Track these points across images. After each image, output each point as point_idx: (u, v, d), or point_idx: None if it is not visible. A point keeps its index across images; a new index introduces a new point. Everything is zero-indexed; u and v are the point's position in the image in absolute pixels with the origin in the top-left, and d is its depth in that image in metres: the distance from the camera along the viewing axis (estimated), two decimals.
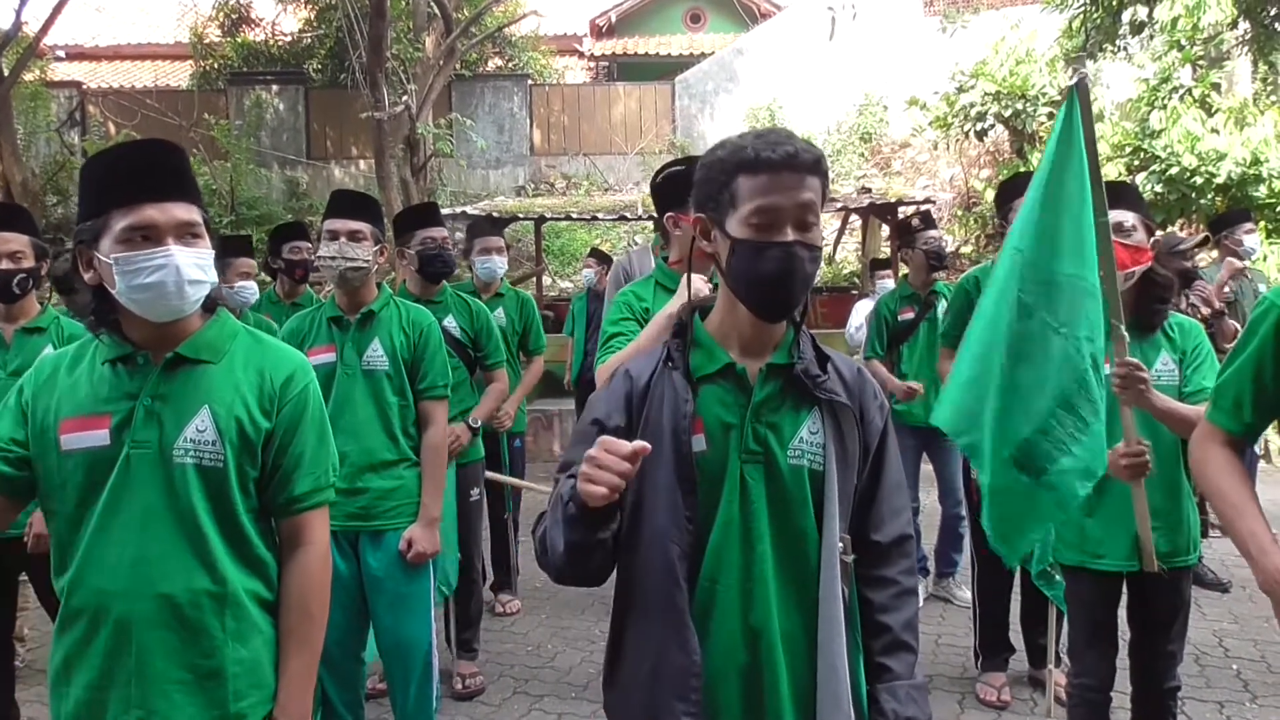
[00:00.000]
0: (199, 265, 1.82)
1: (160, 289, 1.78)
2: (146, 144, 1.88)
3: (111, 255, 1.77)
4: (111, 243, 1.78)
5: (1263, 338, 1.85)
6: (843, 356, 1.77)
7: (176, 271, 1.77)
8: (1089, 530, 2.90)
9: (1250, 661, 4.31)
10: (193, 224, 1.83)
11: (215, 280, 1.87)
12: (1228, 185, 9.78)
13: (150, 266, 1.77)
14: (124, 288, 1.78)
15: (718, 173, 1.63)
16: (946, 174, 15.69)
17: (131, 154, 1.83)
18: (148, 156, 1.83)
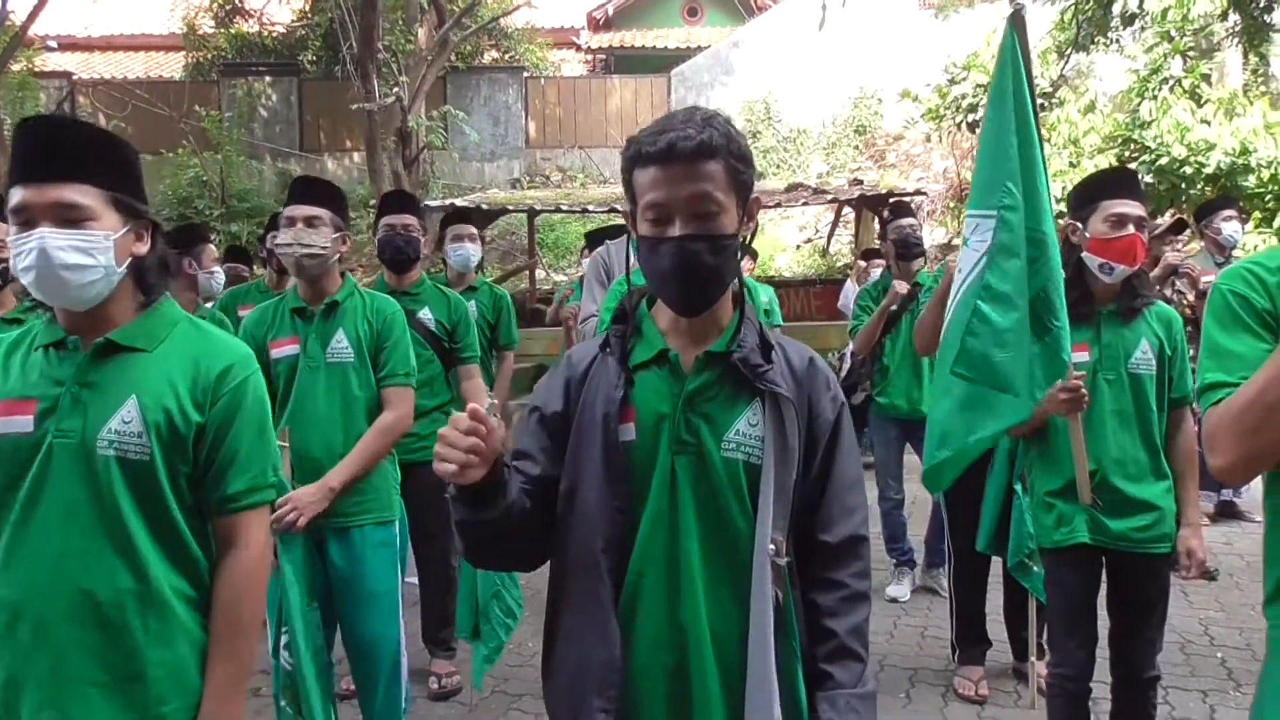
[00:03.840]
0: (78, 249, 1.71)
1: (34, 274, 1.71)
2: (44, 121, 1.80)
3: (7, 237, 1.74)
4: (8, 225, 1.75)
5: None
6: (795, 345, 1.72)
7: (45, 255, 1.69)
8: (1060, 509, 2.90)
9: (1235, 650, 4.29)
10: (75, 206, 1.71)
11: (109, 264, 1.75)
12: (1217, 175, 9.78)
13: (24, 250, 1.71)
14: (16, 272, 1.73)
15: (624, 169, 1.60)
16: (939, 166, 15.66)
17: (28, 133, 1.75)
18: (38, 136, 1.75)
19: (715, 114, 1.60)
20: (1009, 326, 2.77)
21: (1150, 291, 3.00)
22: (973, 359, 2.79)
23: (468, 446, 1.40)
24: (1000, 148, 2.89)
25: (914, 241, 5.06)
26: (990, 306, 2.78)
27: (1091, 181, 3.09)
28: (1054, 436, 2.94)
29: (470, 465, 1.40)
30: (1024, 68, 2.91)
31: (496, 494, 1.50)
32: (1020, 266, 2.81)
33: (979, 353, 2.78)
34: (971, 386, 2.83)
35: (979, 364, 2.78)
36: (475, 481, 1.44)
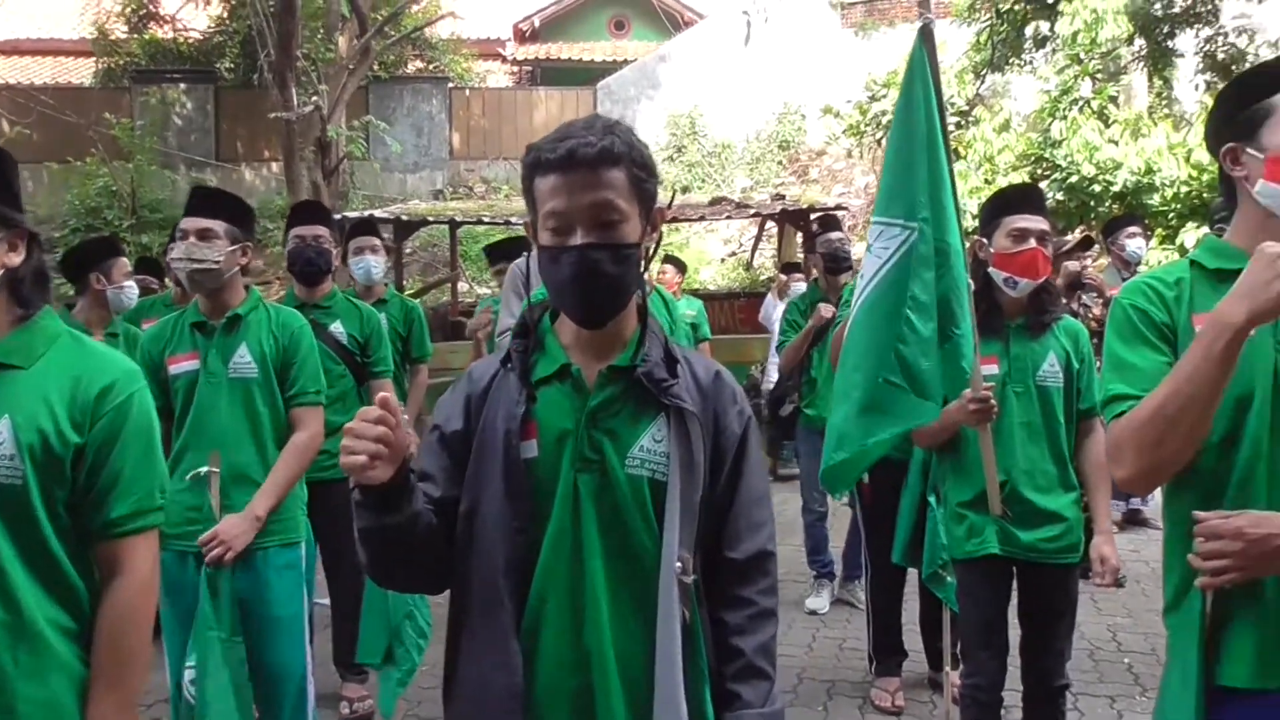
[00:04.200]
0: None
1: None
2: None
3: None
4: None
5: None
6: (701, 359, 1.69)
7: None
8: (971, 520, 2.93)
9: (1141, 655, 4.40)
10: None
11: None
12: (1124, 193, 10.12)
13: None
14: None
15: (524, 176, 1.56)
16: (861, 182, 15.93)
17: None
18: None
19: (617, 122, 1.57)
20: (929, 336, 2.83)
21: (1057, 306, 3.06)
22: (905, 367, 2.83)
23: (376, 436, 1.34)
24: (910, 159, 2.93)
25: (842, 255, 5.11)
26: (917, 317, 2.83)
27: (996, 198, 3.15)
28: (965, 448, 2.97)
29: (379, 457, 1.35)
30: (933, 80, 2.96)
31: (403, 498, 1.43)
32: (932, 278, 2.86)
33: (911, 361, 2.82)
34: (871, 390, 2.86)
35: (911, 372, 2.82)
36: (381, 481, 1.38)
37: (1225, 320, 1.53)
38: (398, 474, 1.40)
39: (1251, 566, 1.56)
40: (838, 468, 3.02)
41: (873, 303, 2.92)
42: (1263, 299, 1.50)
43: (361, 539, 1.47)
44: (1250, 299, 1.51)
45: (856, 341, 2.96)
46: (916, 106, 2.94)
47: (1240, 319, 1.51)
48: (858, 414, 2.91)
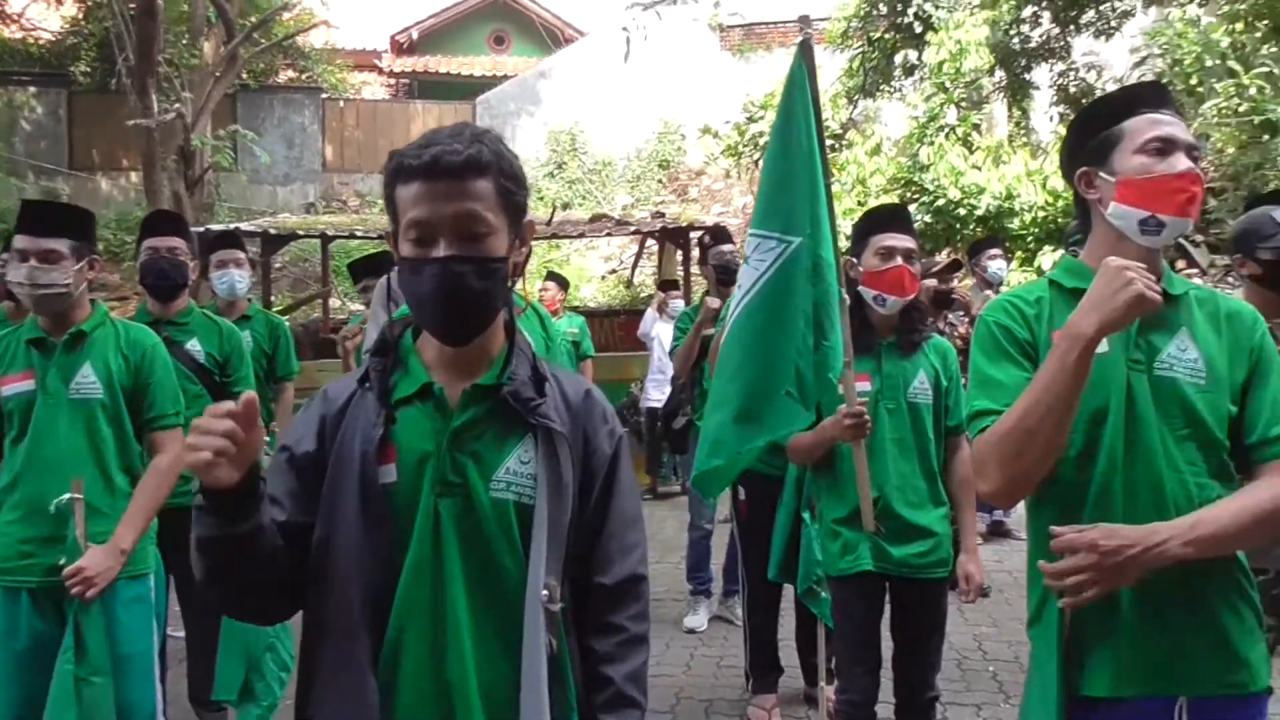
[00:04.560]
0: None
1: None
2: None
3: None
4: None
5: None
6: (571, 377, 1.64)
7: None
8: (845, 536, 2.96)
9: (1005, 663, 4.54)
10: None
11: None
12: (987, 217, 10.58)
13: None
14: None
15: (385, 184, 1.49)
16: (740, 201, 16.21)
17: None
18: None
19: (486, 131, 1.51)
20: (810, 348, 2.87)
21: (927, 324, 3.13)
22: (799, 378, 2.87)
23: (223, 431, 1.25)
24: (789, 172, 2.97)
25: (734, 267, 5.11)
26: (806, 329, 2.87)
27: (865, 218, 3.21)
28: (840, 464, 3.00)
29: (225, 454, 1.25)
30: (812, 95, 2.98)
31: (249, 506, 1.33)
32: (810, 291, 2.90)
33: (802, 372, 2.87)
34: (745, 399, 2.89)
35: (803, 383, 2.87)
36: (227, 484, 1.28)
37: (1077, 332, 1.59)
38: (246, 479, 1.30)
39: (1107, 578, 1.60)
40: (711, 473, 3.05)
41: (750, 313, 2.95)
42: (1110, 309, 1.56)
43: (199, 548, 1.36)
44: (1099, 310, 1.57)
45: (733, 351, 2.98)
46: (796, 121, 2.98)
47: (1091, 330, 1.57)
48: (732, 421, 2.93)
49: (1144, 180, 1.72)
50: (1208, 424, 1.71)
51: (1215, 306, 1.81)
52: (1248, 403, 1.75)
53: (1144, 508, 1.67)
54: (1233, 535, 1.65)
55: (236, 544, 1.34)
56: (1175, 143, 1.73)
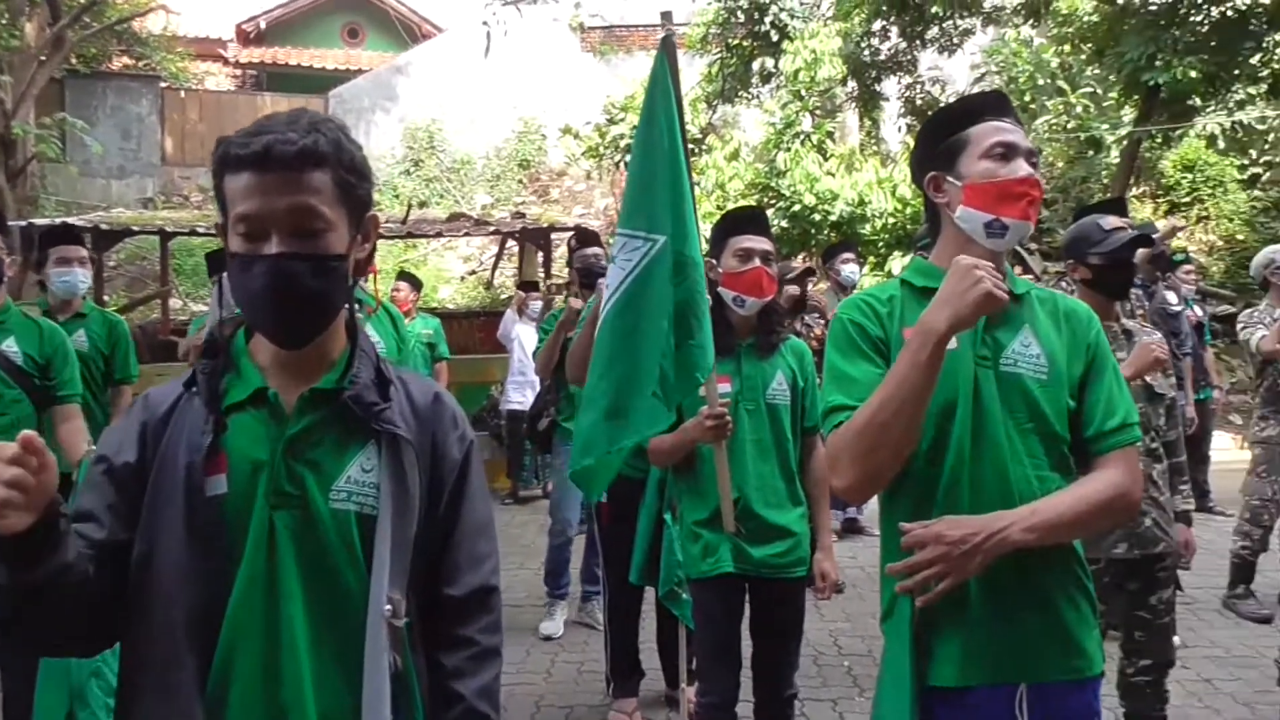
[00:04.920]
0: None
1: None
2: None
3: None
4: None
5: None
6: (419, 380, 1.55)
7: None
8: (706, 538, 2.95)
9: (859, 657, 4.64)
10: None
11: None
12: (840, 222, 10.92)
13: None
14: None
15: (214, 173, 1.37)
16: (601, 203, 16.23)
17: None
18: None
19: (326, 119, 1.40)
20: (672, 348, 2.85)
21: (784, 326, 3.16)
22: (662, 376, 2.84)
23: (8, 480, 1.12)
24: (653, 170, 2.94)
25: (598, 271, 5.06)
26: (669, 329, 2.85)
27: (724, 219, 3.22)
28: (701, 466, 2.99)
29: (11, 504, 1.12)
30: (674, 91, 2.97)
31: (43, 551, 1.19)
32: (671, 289, 2.88)
33: (666, 372, 2.83)
34: (614, 398, 2.87)
35: (666, 383, 2.84)
36: (18, 530, 1.14)
37: (929, 328, 1.62)
38: (40, 522, 1.17)
39: (957, 567, 1.64)
40: (586, 472, 3.03)
41: (618, 312, 2.92)
42: (960, 306, 1.60)
43: None
44: (950, 307, 1.61)
45: (602, 350, 2.96)
46: (658, 118, 2.96)
47: (943, 326, 1.61)
48: (602, 420, 2.91)
49: (988, 184, 1.77)
50: (1049, 418, 1.77)
51: (1055, 306, 1.88)
52: (1084, 397, 1.81)
53: (990, 500, 1.71)
54: (1070, 523, 1.71)
55: (35, 590, 1.21)
56: (1016, 149, 1.79)
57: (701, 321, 2.88)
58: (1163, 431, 3.21)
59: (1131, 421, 1.81)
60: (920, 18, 11.87)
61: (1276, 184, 13.89)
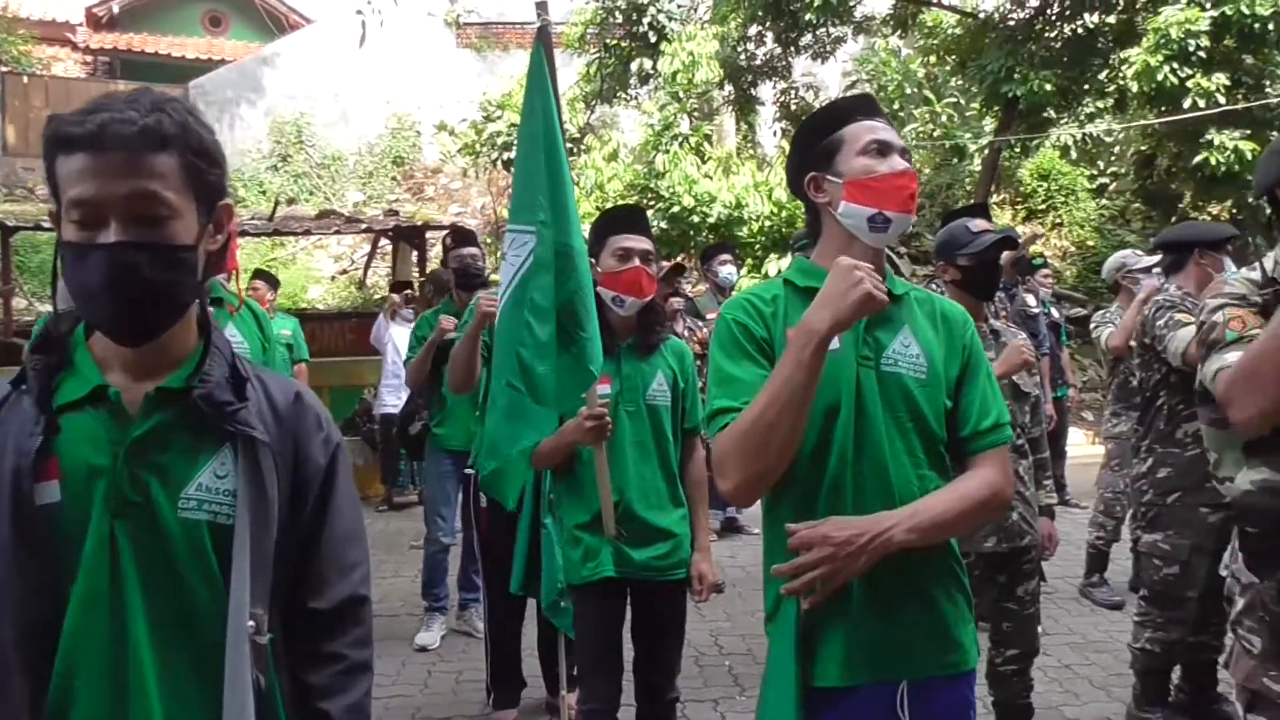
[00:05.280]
0: None
1: None
2: None
3: None
4: None
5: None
6: (279, 379, 1.45)
7: None
8: (586, 543, 2.90)
9: (740, 656, 4.67)
10: None
11: None
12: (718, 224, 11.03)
13: None
14: None
15: (45, 154, 1.26)
16: (478, 202, 15.99)
17: None
18: None
19: (172, 98, 1.29)
20: (546, 340, 2.79)
21: (664, 326, 3.13)
22: (524, 371, 2.78)
23: None
24: (533, 162, 2.88)
25: (475, 271, 4.92)
26: (534, 320, 2.79)
27: (602, 219, 3.17)
28: (581, 469, 2.93)
29: None
30: (550, 81, 2.91)
31: None
32: (551, 281, 2.82)
33: (528, 364, 2.78)
34: (514, 397, 2.83)
35: (529, 376, 2.78)
36: None
37: (811, 328, 1.62)
38: None
39: (843, 568, 1.65)
40: (495, 476, 3.05)
41: (511, 309, 2.87)
42: (842, 306, 1.61)
43: None
44: (831, 308, 1.62)
45: (498, 350, 2.90)
46: (536, 108, 2.91)
47: (825, 327, 1.62)
48: (504, 421, 2.86)
49: (869, 180, 1.79)
50: (928, 417, 1.79)
51: (932, 307, 1.91)
52: (960, 398, 1.85)
53: (872, 499, 1.72)
54: (950, 522, 1.73)
55: None
56: (891, 145, 1.83)
57: (590, 313, 2.83)
58: (1028, 429, 3.32)
59: (1004, 421, 1.86)
60: (794, 24, 12.10)
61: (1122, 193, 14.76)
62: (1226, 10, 9.87)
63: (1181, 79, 9.97)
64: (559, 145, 2.90)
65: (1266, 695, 2.22)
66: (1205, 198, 11.19)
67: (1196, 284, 3.65)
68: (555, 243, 2.83)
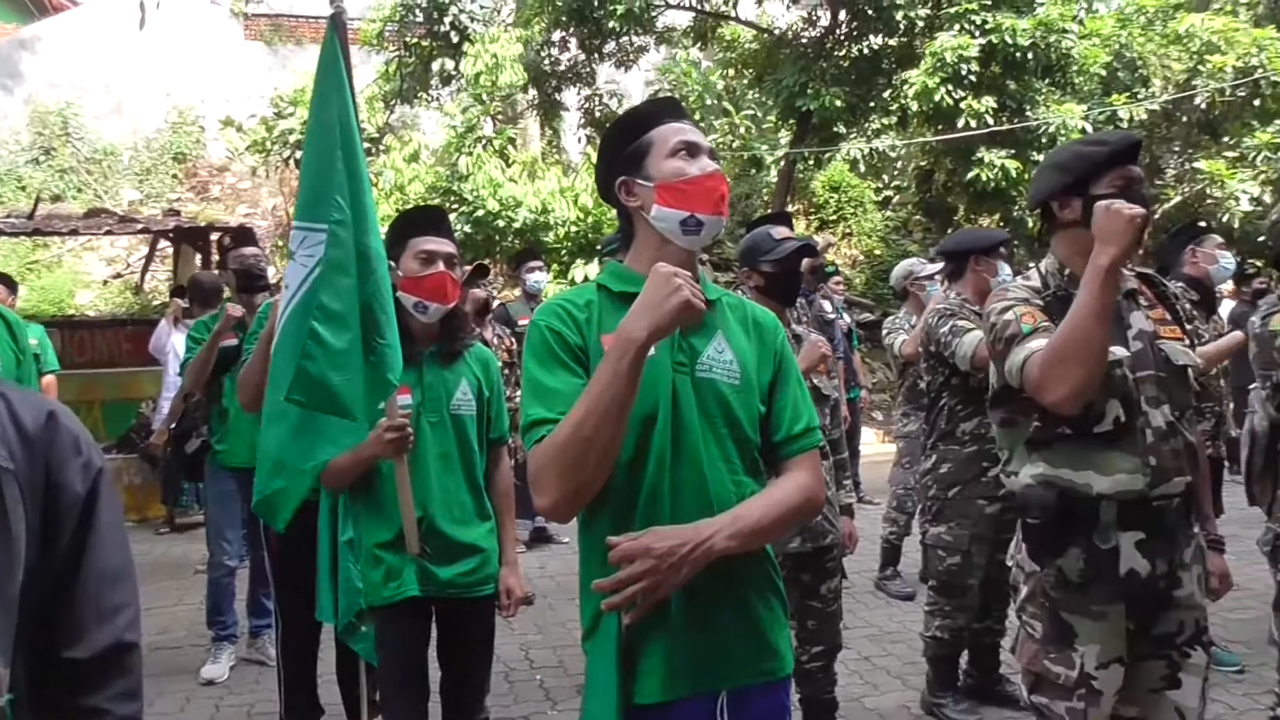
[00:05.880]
0: None
1: None
2: None
3: None
4: None
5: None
6: (28, 396, 1.25)
7: None
8: (389, 562, 2.75)
9: (551, 669, 4.58)
10: None
11: None
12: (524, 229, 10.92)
13: None
14: None
15: None
16: (269, 203, 15.17)
17: None
18: None
19: None
20: (343, 348, 2.59)
21: (468, 332, 3.01)
22: (310, 383, 2.55)
23: None
24: (326, 158, 2.68)
25: (257, 273, 4.58)
26: (325, 327, 2.57)
27: (402, 219, 3.02)
28: (381, 485, 2.78)
29: None
30: (346, 72, 2.73)
31: None
32: (352, 284, 2.64)
33: (316, 376, 2.55)
34: (305, 411, 2.62)
35: (317, 389, 2.56)
36: None
37: (629, 336, 1.58)
38: None
39: (665, 579, 1.61)
40: (275, 496, 2.74)
41: (299, 314, 2.64)
42: (660, 313, 1.58)
43: None
44: (650, 314, 1.58)
45: (282, 358, 2.66)
46: (330, 100, 2.71)
47: (643, 335, 1.58)
48: (293, 436, 2.66)
49: (680, 182, 1.78)
50: (743, 423, 1.79)
51: (744, 312, 1.91)
52: (773, 403, 1.86)
53: (690, 507, 1.70)
54: (768, 527, 1.73)
55: None
56: (699, 147, 1.82)
57: (390, 319, 2.67)
58: (828, 431, 3.42)
59: (814, 426, 1.88)
60: (598, 31, 12.15)
61: (905, 205, 15.74)
62: (993, 39, 10.68)
63: (956, 100, 10.71)
64: (356, 140, 2.73)
65: (1047, 677, 2.37)
66: (977, 210, 12.06)
67: (974, 290, 3.87)
68: (356, 243, 2.66)
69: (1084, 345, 2.13)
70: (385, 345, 2.65)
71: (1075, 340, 2.14)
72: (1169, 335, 2.38)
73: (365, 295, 2.65)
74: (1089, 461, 2.29)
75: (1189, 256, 4.45)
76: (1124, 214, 2.13)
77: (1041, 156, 9.91)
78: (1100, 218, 2.17)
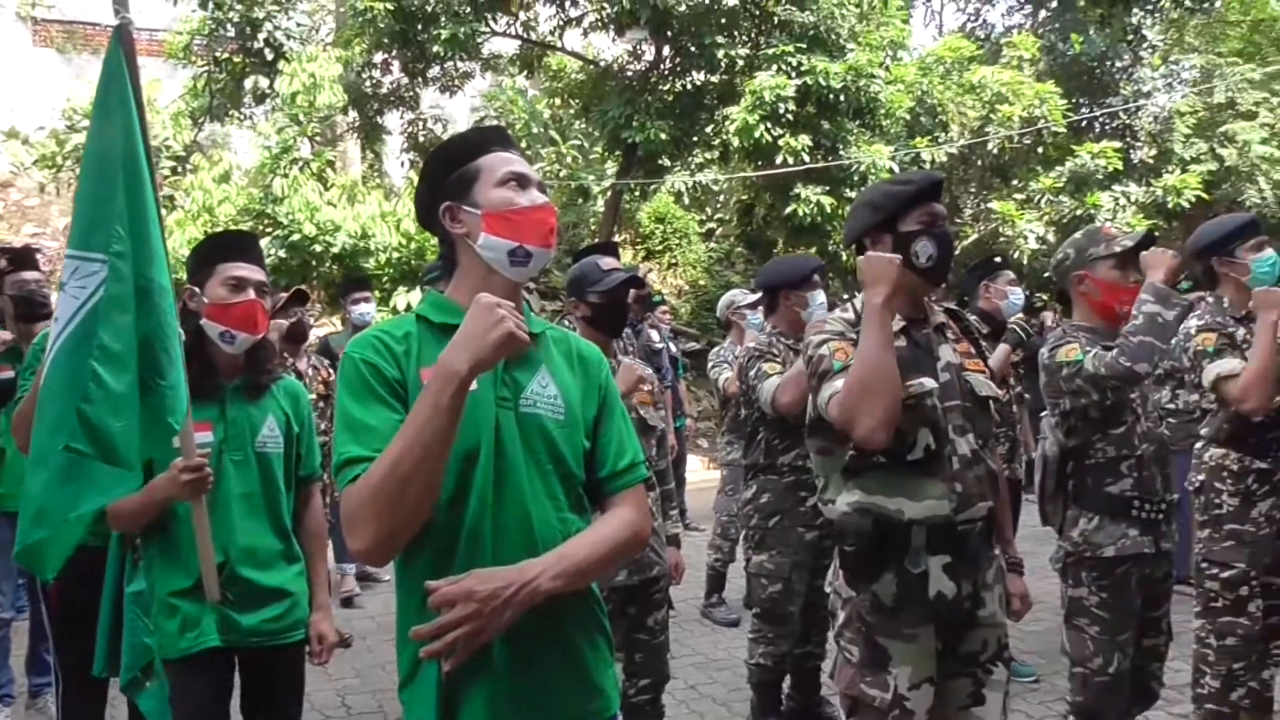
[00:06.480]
0: None
1: None
2: None
3: None
4: None
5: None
6: None
7: None
8: (185, 611, 2.54)
9: (369, 714, 4.37)
10: None
11: None
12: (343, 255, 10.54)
13: None
14: None
15: None
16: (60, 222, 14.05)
17: None
18: None
19: None
20: (123, 391, 2.38)
21: (276, 365, 2.84)
22: (90, 429, 2.32)
23: None
24: (106, 181, 2.47)
25: (39, 300, 4.16)
26: (105, 369, 2.35)
27: (210, 243, 2.83)
28: (177, 528, 2.57)
29: None
30: (133, 89, 2.53)
31: None
32: (131, 322, 2.43)
33: (97, 421, 2.33)
34: (70, 456, 2.37)
35: (97, 435, 2.33)
36: None
37: (450, 370, 1.52)
38: None
39: (488, 623, 1.54)
40: (38, 546, 2.49)
41: (70, 350, 2.42)
42: (483, 345, 1.53)
43: None
44: (471, 348, 1.53)
45: (50, 398, 2.43)
46: (114, 117, 2.50)
47: (464, 368, 1.52)
48: (59, 484, 2.41)
49: (509, 212, 1.74)
50: (567, 459, 1.75)
51: (569, 346, 1.88)
52: (598, 438, 1.83)
53: (513, 546, 1.64)
54: (594, 565, 1.69)
55: None
56: (529, 179, 1.79)
57: (173, 359, 2.47)
58: (654, 461, 3.42)
59: (640, 460, 1.86)
60: (422, 55, 11.95)
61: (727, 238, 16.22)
62: (808, 80, 11.18)
63: (774, 137, 11.13)
64: (142, 164, 2.51)
65: (864, 700, 2.43)
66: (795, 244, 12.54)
67: (788, 323, 3.98)
68: (135, 277, 2.45)
69: (877, 377, 2.25)
70: (165, 386, 2.45)
71: (869, 373, 2.26)
72: (973, 368, 2.52)
73: (142, 331, 2.45)
74: (901, 488, 2.38)
75: (983, 291, 4.75)
76: (884, 258, 2.34)
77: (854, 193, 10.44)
78: (866, 265, 2.37)
